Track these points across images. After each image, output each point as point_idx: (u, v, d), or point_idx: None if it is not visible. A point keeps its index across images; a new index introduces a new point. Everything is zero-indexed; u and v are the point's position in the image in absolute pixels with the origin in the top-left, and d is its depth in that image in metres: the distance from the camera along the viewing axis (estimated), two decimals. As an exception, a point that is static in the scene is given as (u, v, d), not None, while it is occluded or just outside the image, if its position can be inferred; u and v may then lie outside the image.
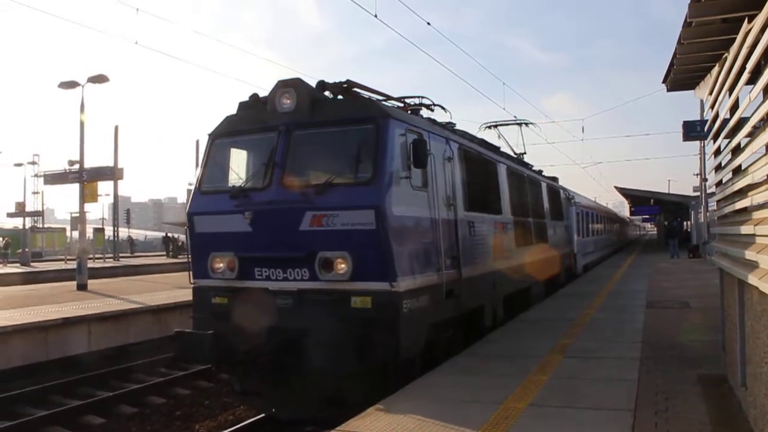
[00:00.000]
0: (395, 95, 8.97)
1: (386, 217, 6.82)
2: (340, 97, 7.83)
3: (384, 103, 8.32)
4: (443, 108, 9.84)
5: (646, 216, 71.12)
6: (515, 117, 17.94)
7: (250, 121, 7.99)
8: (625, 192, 49.81)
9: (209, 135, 8.30)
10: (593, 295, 15.31)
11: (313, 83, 7.85)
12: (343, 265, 7.00)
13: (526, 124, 17.80)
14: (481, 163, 10.62)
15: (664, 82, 8.22)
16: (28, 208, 52.91)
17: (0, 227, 59.23)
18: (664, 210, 54.11)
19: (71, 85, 22.53)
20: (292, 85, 7.59)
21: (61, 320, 12.43)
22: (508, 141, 18.39)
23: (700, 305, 12.70)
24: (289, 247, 7.21)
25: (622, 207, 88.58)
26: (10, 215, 52.15)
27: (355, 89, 7.90)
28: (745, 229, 4.95)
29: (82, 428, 9.05)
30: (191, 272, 8.05)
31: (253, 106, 8.14)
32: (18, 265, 39.93)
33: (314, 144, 7.61)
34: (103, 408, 9.68)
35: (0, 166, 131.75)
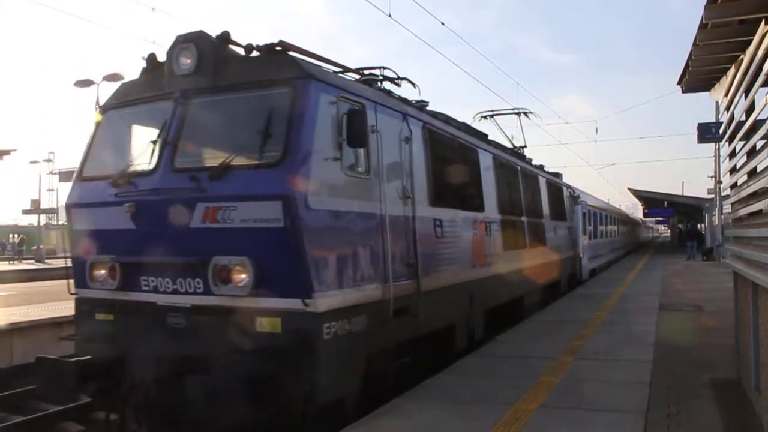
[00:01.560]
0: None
1: (299, 210, 5.22)
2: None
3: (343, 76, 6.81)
4: (411, 83, 8.10)
5: (660, 218, 70.66)
6: (514, 107, 16.17)
7: (147, 88, 6.40)
8: (638, 194, 49.56)
9: (98, 107, 6.90)
10: (605, 297, 15.23)
11: None
12: (242, 275, 5.43)
13: (526, 113, 15.95)
14: (455, 149, 8.87)
15: (679, 83, 8.19)
16: (43, 206, 53.37)
17: (15, 224, 59.87)
18: (677, 212, 53.75)
19: (86, 83, 22.75)
20: (193, 40, 6.00)
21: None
22: (507, 133, 16.69)
23: (714, 308, 12.60)
24: (177, 250, 5.69)
25: (635, 209, 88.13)
26: (25, 212, 52.69)
27: (291, 53, 6.07)
28: (760, 232, 4.91)
29: (93, 424, 9.12)
30: (71, 280, 6.55)
31: (153, 69, 6.47)
32: (33, 261, 40.35)
33: (217, 114, 6.02)
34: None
35: (15, 163, 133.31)
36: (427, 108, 8.62)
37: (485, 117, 15.27)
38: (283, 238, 5.27)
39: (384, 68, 7.71)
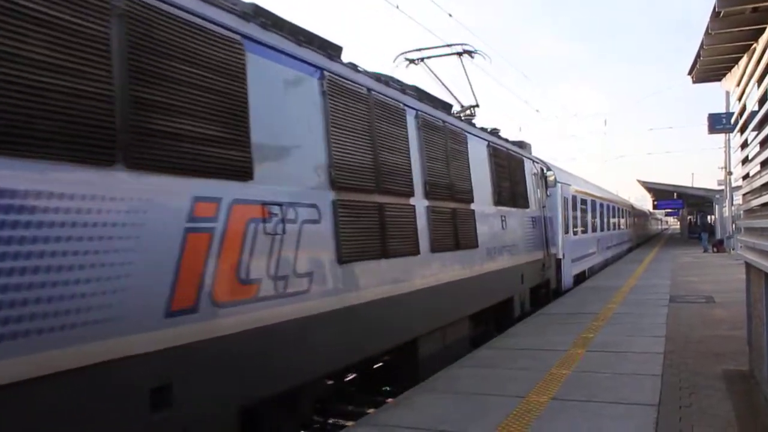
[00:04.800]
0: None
1: None
2: None
3: None
4: None
5: (669, 210, 70.37)
6: (449, 44, 11.16)
7: None
8: (648, 185, 49.37)
9: None
10: (616, 289, 15.19)
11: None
12: None
13: (469, 53, 10.99)
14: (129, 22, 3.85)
15: (690, 73, 8.10)
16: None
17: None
18: (687, 204, 53.51)
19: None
20: None
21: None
22: (454, 92, 11.05)
23: (725, 300, 12.53)
24: None
25: (645, 200, 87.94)
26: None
27: None
28: (774, 223, 4.87)
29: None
30: None
31: None
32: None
33: None
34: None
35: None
36: None
37: (413, 61, 10.87)
38: None
39: None
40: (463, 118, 10.28)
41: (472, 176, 9.22)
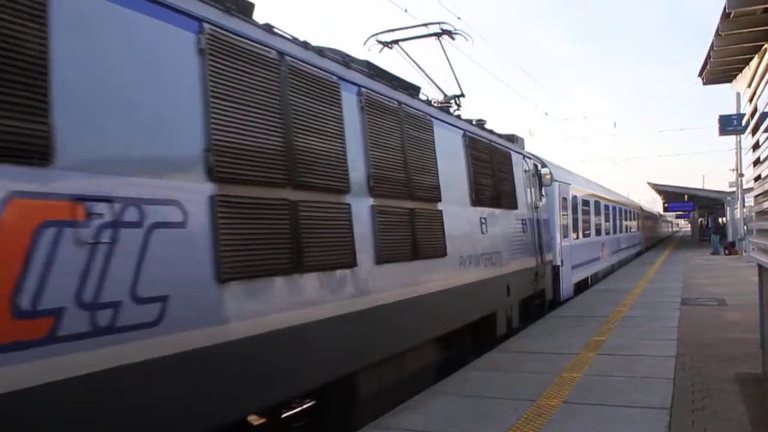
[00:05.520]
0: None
1: None
2: None
3: None
4: None
5: (680, 212, 69.99)
6: (426, 23, 9.69)
7: None
8: (658, 188, 49.10)
9: None
10: (626, 292, 15.11)
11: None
12: None
13: (450, 34, 9.64)
14: None
15: (700, 75, 8.06)
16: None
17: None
18: (698, 206, 53.21)
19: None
20: None
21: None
22: (435, 80, 10.00)
23: (737, 302, 12.44)
24: None
25: (655, 203, 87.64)
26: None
27: None
28: (787, 225, 4.84)
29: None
30: None
31: None
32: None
33: None
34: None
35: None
36: None
37: (387, 44, 9.59)
38: None
39: None
40: (436, 105, 8.81)
41: (440, 170, 7.58)
